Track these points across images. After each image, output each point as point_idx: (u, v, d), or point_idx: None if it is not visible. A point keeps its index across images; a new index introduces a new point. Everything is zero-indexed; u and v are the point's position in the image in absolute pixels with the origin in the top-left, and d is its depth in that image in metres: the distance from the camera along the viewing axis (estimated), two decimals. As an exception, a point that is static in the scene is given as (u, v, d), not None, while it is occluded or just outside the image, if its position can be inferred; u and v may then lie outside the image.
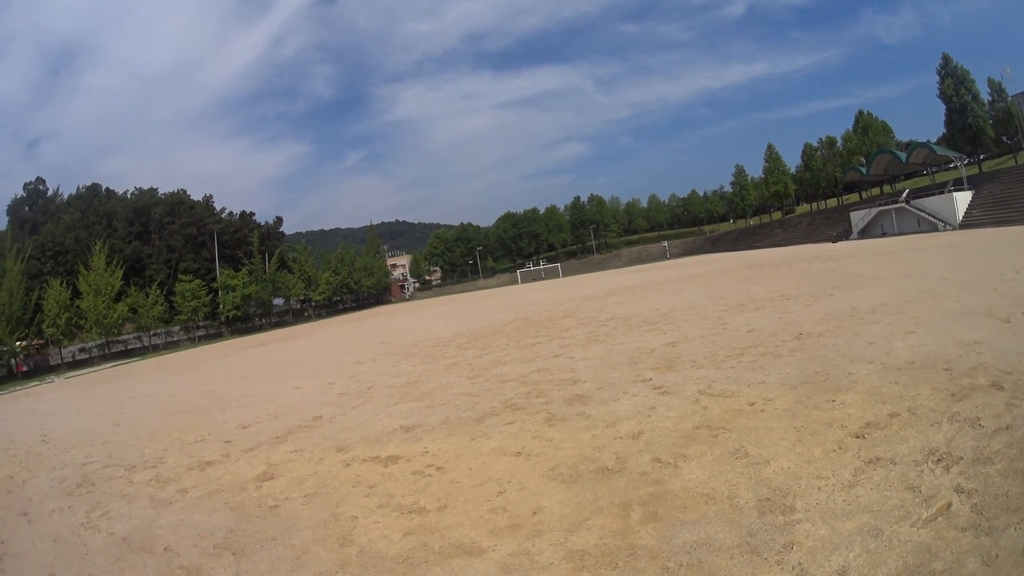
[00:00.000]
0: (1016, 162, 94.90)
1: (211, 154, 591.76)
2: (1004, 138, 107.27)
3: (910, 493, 6.00)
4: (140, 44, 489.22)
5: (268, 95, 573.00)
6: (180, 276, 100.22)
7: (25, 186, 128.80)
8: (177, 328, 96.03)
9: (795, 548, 5.37)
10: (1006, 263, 24.33)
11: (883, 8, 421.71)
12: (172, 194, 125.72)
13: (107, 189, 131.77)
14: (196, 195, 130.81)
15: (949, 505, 5.67)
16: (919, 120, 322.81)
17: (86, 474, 13.48)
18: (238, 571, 7.02)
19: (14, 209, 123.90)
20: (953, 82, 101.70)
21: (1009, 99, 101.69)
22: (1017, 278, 19.32)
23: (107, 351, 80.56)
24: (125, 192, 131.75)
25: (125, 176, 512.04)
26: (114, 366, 65.29)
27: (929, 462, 6.59)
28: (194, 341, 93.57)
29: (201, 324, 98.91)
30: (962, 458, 6.59)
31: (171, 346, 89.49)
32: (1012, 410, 7.77)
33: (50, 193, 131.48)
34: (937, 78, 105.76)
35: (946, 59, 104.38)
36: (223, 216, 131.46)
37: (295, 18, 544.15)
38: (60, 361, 74.91)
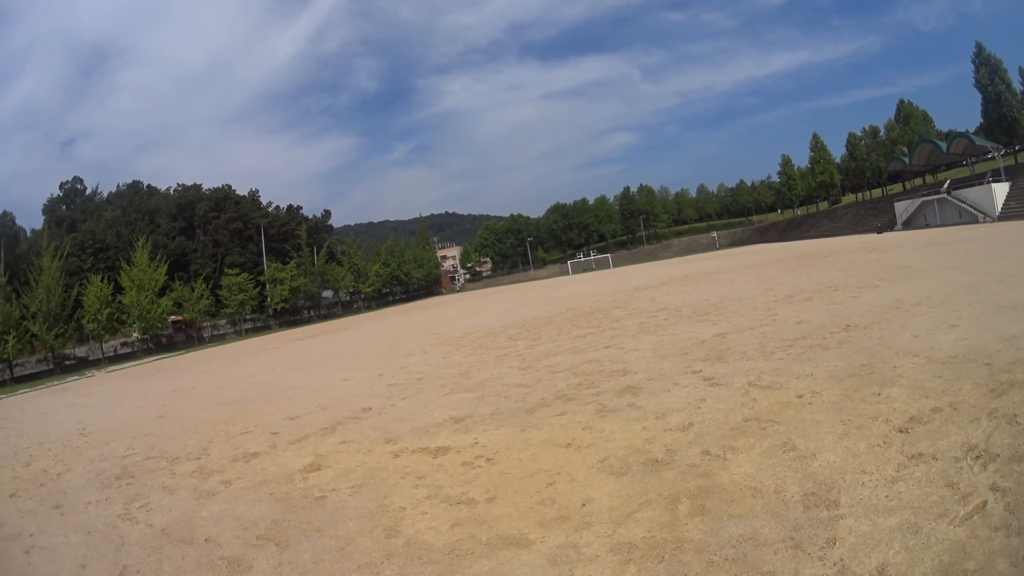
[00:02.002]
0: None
1: (256, 149, 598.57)
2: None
3: (949, 490, 5.95)
4: (175, 42, 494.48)
5: (312, 89, 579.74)
6: (226, 270, 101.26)
7: (61, 185, 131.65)
8: (224, 321, 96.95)
9: (838, 544, 5.35)
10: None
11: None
12: (217, 189, 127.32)
13: (149, 186, 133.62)
14: (242, 190, 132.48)
15: (985, 503, 5.63)
16: (958, 109, 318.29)
17: (126, 466, 13.63)
18: (281, 562, 7.08)
19: (50, 208, 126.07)
20: (987, 71, 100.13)
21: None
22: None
23: (150, 345, 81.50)
24: (168, 188, 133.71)
25: (167, 173, 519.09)
26: (158, 359, 65.95)
27: (968, 459, 6.53)
28: (241, 334, 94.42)
29: (248, 317, 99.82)
30: (999, 455, 6.53)
31: (217, 339, 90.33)
32: (1048, 405, 7.68)
33: (89, 191, 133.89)
34: (972, 67, 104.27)
35: (979, 48, 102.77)
36: (270, 210, 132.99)
37: (336, 12, 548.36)
38: (101, 356, 75.91)
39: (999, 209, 69.84)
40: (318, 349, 40.62)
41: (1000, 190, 72.52)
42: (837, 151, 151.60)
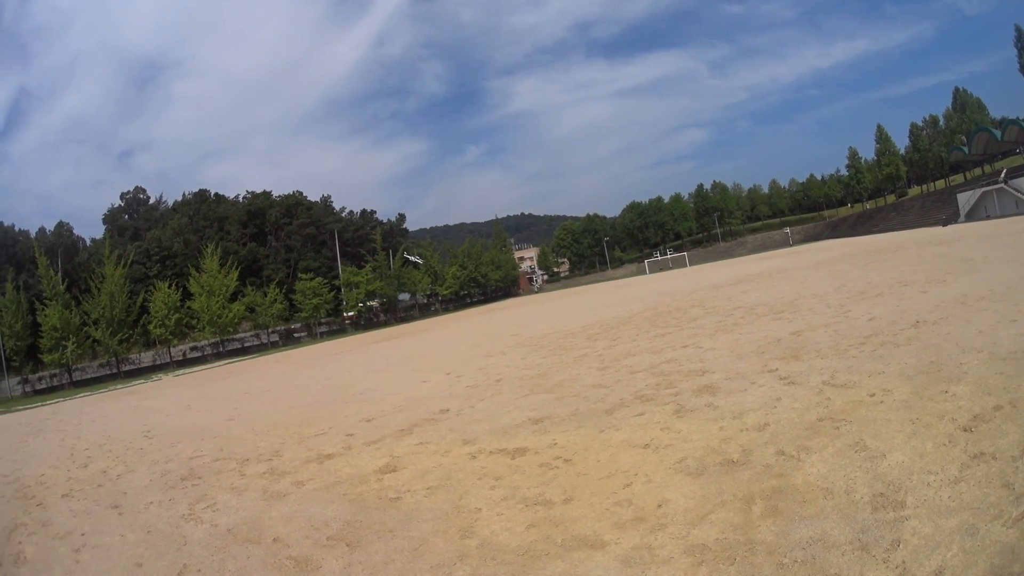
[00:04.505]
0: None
1: (325, 155, 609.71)
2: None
3: (1005, 491, 5.95)
4: (232, 52, 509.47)
5: (379, 94, 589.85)
6: (300, 275, 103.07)
7: (123, 195, 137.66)
8: (298, 325, 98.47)
9: (901, 546, 5.40)
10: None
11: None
12: (287, 196, 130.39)
13: (216, 194, 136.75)
14: (313, 196, 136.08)
15: None
16: (1008, 95, 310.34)
17: (192, 468, 13.95)
18: (351, 562, 7.21)
19: (111, 218, 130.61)
20: None
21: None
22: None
23: (221, 349, 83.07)
24: (236, 196, 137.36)
25: (234, 181, 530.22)
26: (228, 363, 67.66)
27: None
28: (316, 337, 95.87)
29: (323, 320, 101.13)
30: (1052, 454, 6.51)
31: (291, 343, 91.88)
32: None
33: (152, 201, 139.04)
34: (1015, 51, 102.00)
35: (1019, 31, 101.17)
36: (343, 215, 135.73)
37: (395, 16, 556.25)
38: (169, 359, 77.63)
39: (1051, 197, 69.17)
40: (395, 351, 41.14)
41: (1050, 178, 71.81)
42: (900, 142, 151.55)
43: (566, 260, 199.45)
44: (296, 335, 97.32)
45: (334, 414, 18.10)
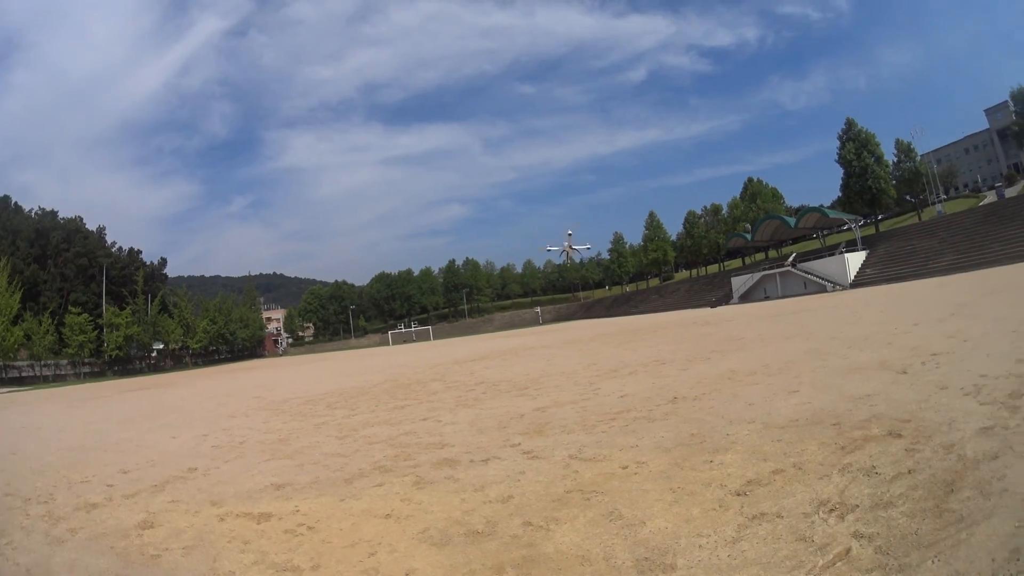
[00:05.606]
0: (920, 219, 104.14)
1: (108, 181, 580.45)
2: (908, 197, 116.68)
3: (802, 543, 6.19)
4: (68, 48, 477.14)
5: (168, 126, 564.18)
6: (70, 308, 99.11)
7: None
8: (65, 362, 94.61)
9: (678, 605, 5.48)
10: (903, 317, 26.37)
11: (791, 74, 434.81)
12: (70, 220, 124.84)
13: (16, 204, 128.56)
14: (91, 224, 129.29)
15: (848, 550, 5.86)
16: (814, 184, 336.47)
17: (-14, 501, 13.25)
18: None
19: None
20: (855, 146, 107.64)
21: (918, 159, 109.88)
22: (915, 331, 20.57)
23: (4, 375, 78.91)
24: (30, 210, 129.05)
25: (34, 191, 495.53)
26: (10, 392, 65.03)
27: (820, 513, 6.82)
28: (80, 377, 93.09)
29: (87, 360, 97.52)
30: (858, 506, 6.85)
31: (59, 379, 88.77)
32: (914, 455, 8.19)
33: None
34: (838, 143, 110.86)
35: (850, 124, 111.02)
36: (113, 250, 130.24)
37: (206, 47, 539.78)
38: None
39: (852, 277, 75.30)
40: (148, 403, 40.36)
41: (855, 259, 78.89)
42: (675, 228, 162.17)
43: (312, 325, 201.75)
44: (63, 371, 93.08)
45: (96, 461, 17.38)
